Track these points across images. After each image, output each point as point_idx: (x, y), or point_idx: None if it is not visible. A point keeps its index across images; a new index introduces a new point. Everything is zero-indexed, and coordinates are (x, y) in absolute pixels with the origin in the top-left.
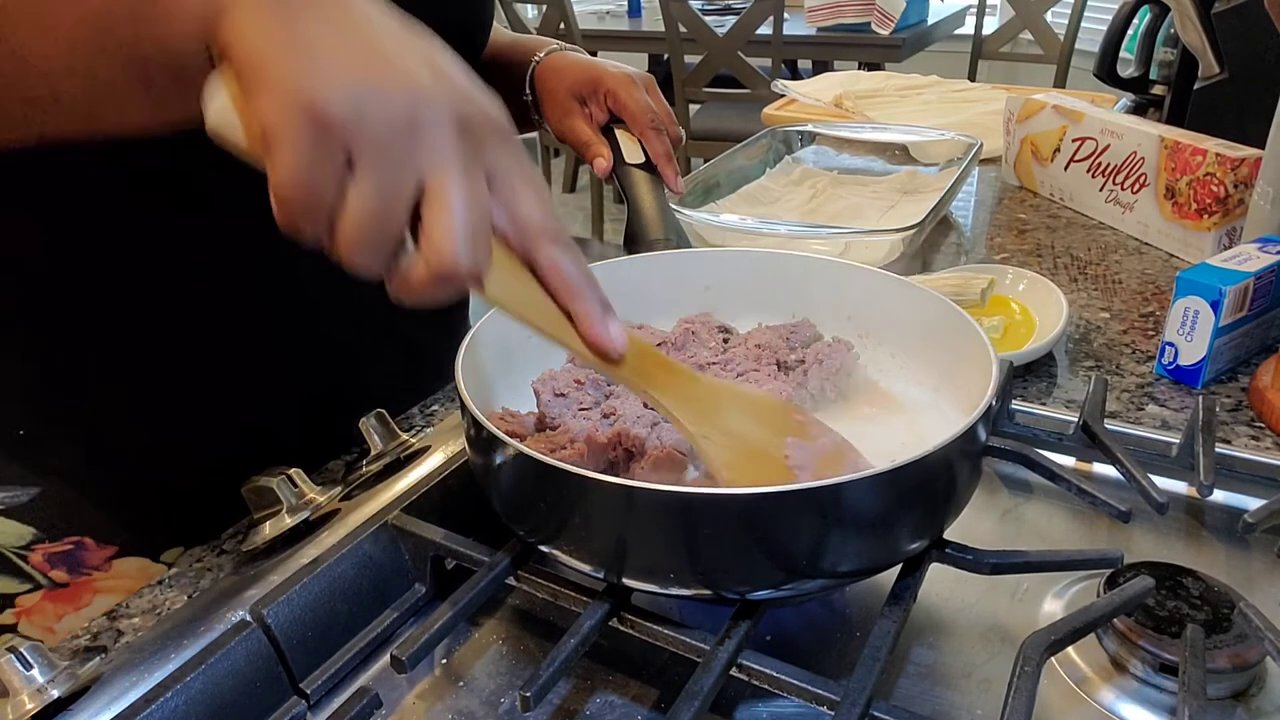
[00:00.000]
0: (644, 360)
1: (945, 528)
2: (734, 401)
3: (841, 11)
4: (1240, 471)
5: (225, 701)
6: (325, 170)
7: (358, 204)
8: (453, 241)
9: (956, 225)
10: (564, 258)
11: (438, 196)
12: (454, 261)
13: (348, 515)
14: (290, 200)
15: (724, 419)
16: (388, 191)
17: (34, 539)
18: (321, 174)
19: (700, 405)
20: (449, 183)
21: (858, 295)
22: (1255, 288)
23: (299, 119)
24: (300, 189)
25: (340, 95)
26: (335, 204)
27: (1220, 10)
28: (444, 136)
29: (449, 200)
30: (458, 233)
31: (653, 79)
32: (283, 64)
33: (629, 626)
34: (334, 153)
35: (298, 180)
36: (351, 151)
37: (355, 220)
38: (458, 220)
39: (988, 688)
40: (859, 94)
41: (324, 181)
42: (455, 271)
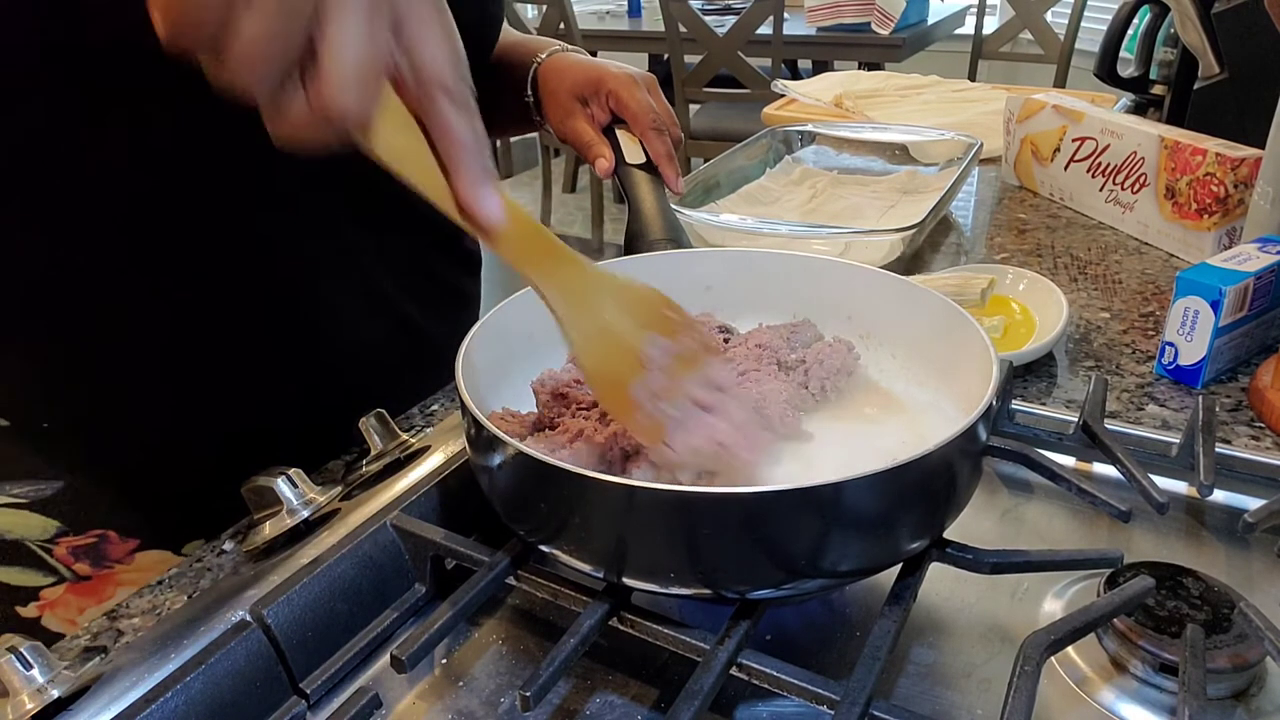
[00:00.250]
0: (532, 241)
1: (945, 527)
2: (614, 293)
3: (841, 11)
4: (1240, 471)
5: (225, 701)
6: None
7: (249, 24)
8: (340, 78)
9: (956, 225)
10: (455, 113)
11: (332, 27)
12: (339, 100)
13: (348, 515)
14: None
15: (600, 309)
16: (280, 17)
17: (58, 532)
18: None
19: (580, 295)
20: (345, 18)
21: (858, 295)
22: (1255, 288)
23: None
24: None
25: None
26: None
27: (1220, 10)
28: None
29: (343, 33)
30: (347, 69)
31: (654, 79)
32: None
33: (629, 626)
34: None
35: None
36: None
37: (245, 40)
38: (349, 55)
39: (988, 688)
40: (859, 94)
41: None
42: (339, 111)
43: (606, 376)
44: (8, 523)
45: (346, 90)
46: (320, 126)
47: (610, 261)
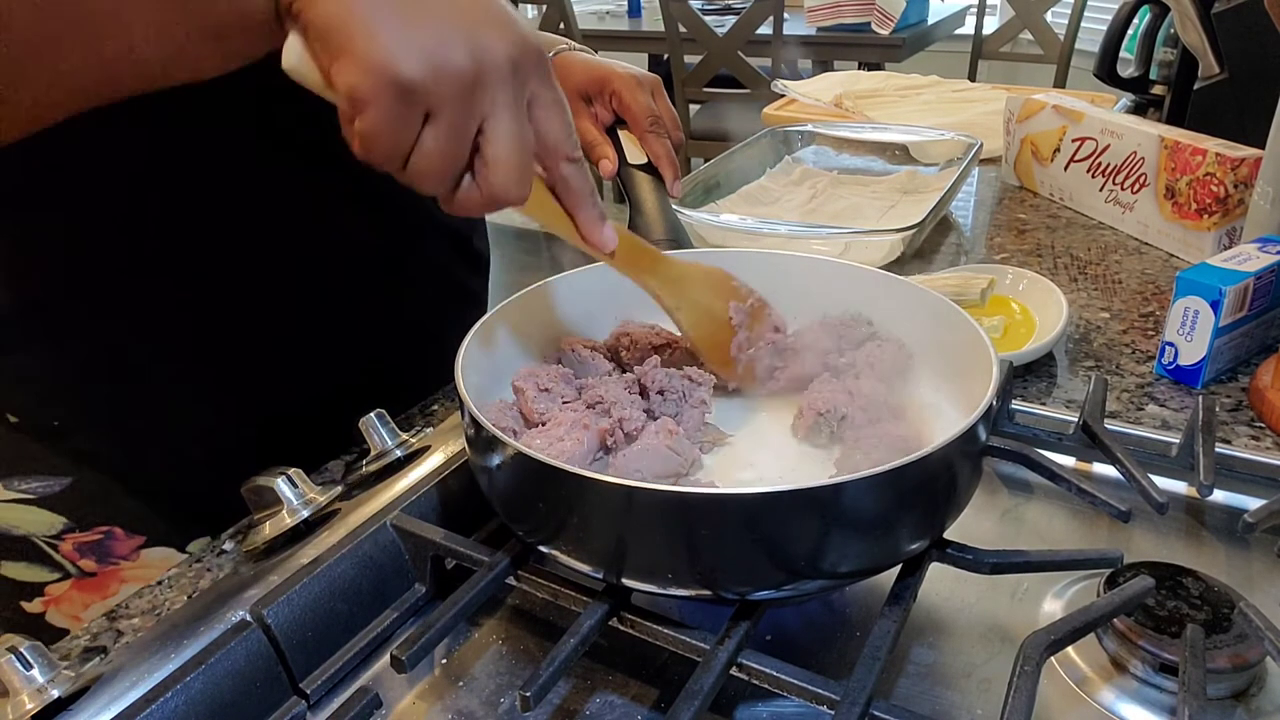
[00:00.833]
0: (636, 254)
1: (945, 528)
2: (696, 277)
3: (841, 11)
4: (1240, 471)
5: (225, 701)
6: (408, 125)
7: (433, 146)
8: (507, 177)
9: (956, 225)
10: (575, 175)
11: (495, 138)
12: (506, 193)
13: (348, 515)
14: (377, 150)
15: (691, 291)
16: (457, 136)
17: (65, 528)
18: (404, 128)
19: (674, 283)
20: (504, 124)
21: (858, 295)
22: (1255, 288)
23: (385, 85)
24: (386, 141)
25: (417, 60)
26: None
27: (1220, 10)
28: (502, 80)
29: (505, 141)
30: (510, 169)
31: (659, 81)
32: (359, 32)
33: (629, 626)
34: (415, 111)
35: (384, 134)
36: (429, 108)
37: (429, 160)
38: (512, 160)
39: (988, 688)
40: (859, 94)
41: (406, 134)
42: (505, 199)
43: (711, 342)
44: (15, 518)
45: (511, 180)
46: (489, 206)
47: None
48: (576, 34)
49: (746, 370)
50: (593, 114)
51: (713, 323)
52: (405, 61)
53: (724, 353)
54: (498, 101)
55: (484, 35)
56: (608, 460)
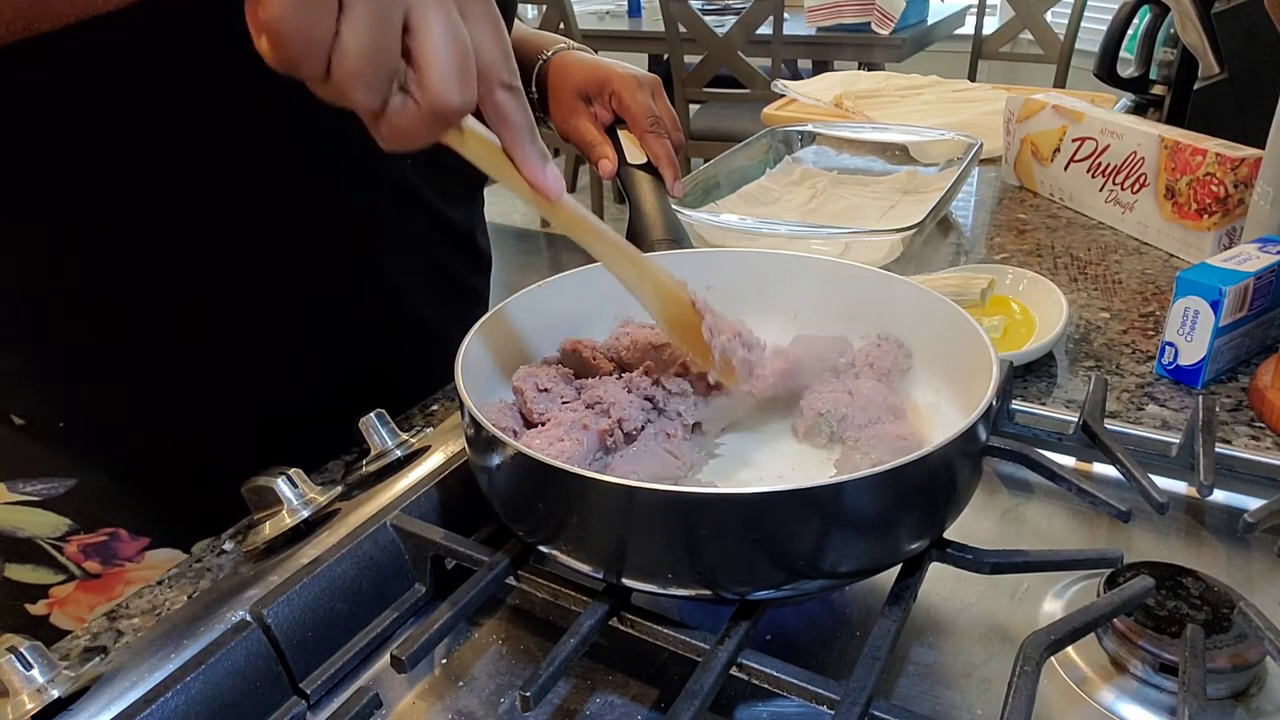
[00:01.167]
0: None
1: (945, 528)
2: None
3: (841, 11)
4: (1240, 471)
5: (225, 701)
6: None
7: (352, 38)
8: (445, 78)
9: (956, 225)
10: (512, 104)
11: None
12: (448, 98)
13: (348, 515)
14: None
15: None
16: (379, 24)
17: (70, 530)
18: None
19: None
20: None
21: (858, 295)
22: (1255, 288)
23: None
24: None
25: None
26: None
27: (1220, 10)
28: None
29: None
30: (449, 69)
31: (659, 82)
32: None
33: (629, 626)
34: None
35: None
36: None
37: (351, 54)
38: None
39: (988, 688)
40: (859, 94)
41: (317, 21)
42: (449, 107)
43: (680, 323)
44: (20, 520)
45: (451, 85)
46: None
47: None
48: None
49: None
50: (592, 114)
51: (677, 304)
52: None
53: (695, 335)
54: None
55: None
56: (607, 461)
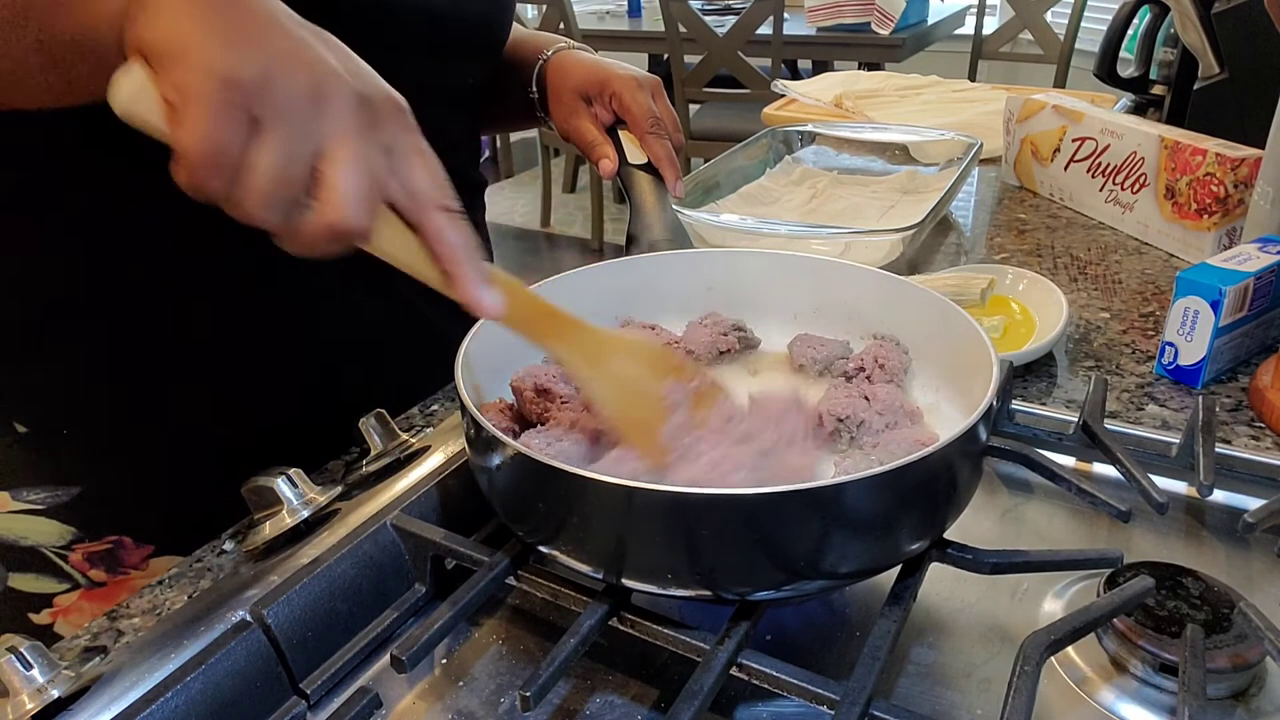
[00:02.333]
0: (537, 317)
1: (946, 528)
2: (619, 348)
3: (841, 11)
4: (1240, 471)
5: (225, 701)
6: (232, 129)
7: (261, 162)
8: (344, 201)
9: (956, 225)
10: (447, 226)
11: (334, 160)
12: (344, 219)
13: (348, 515)
14: (197, 157)
15: (611, 364)
16: (290, 152)
17: (74, 538)
18: (228, 132)
19: (593, 355)
20: (345, 148)
21: (858, 295)
22: (1255, 288)
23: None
24: (207, 145)
25: (250, 64)
26: (239, 163)
27: (1220, 10)
28: (344, 108)
29: (344, 164)
30: (350, 193)
31: (660, 83)
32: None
33: (629, 626)
34: (241, 113)
35: (205, 137)
36: (257, 114)
37: (259, 178)
38: (351, 182)
39: (988, 688)
40: (859, 94)
41: (230, 140)
42: (345, 228)
43: (634, 422)
44: (24, 529)
45: (348, 210)
46: (330, 241)
47: (612, 262)
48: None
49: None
50: (593, 114)
51: (637, 401)
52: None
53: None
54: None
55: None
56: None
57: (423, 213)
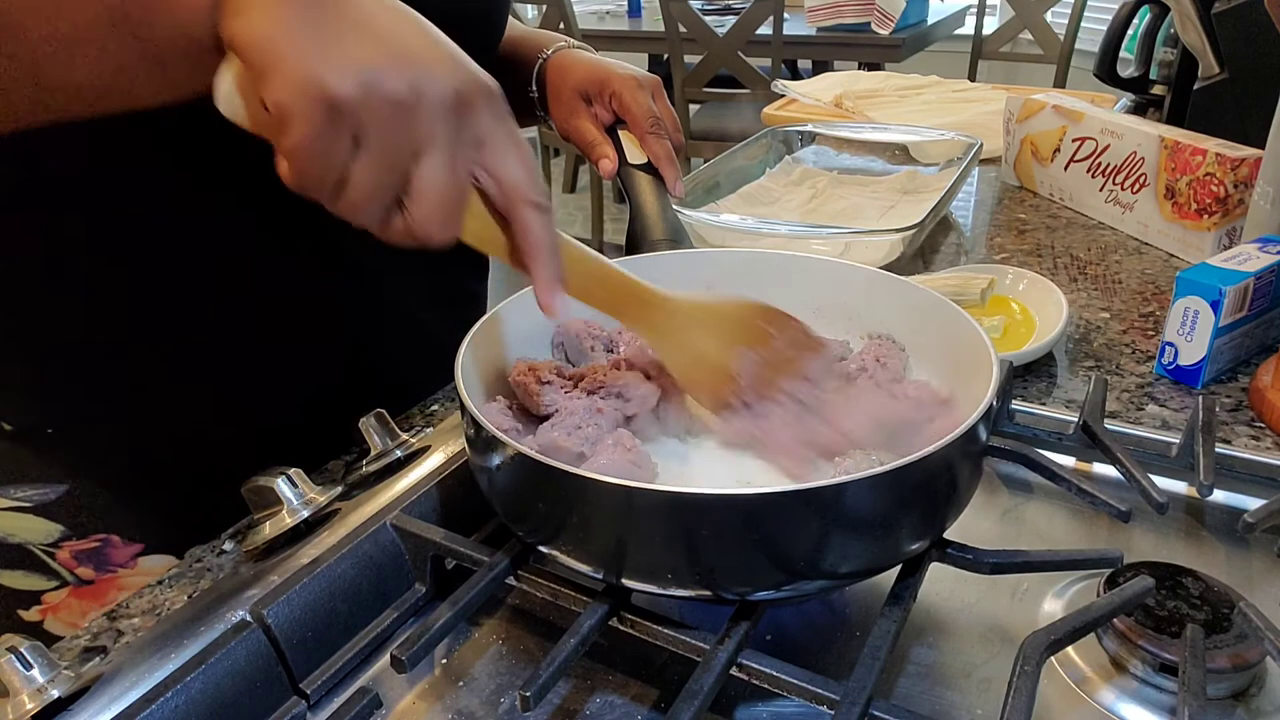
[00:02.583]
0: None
1: (946, 528)
2: (702, 318)
3: (841, 11)
4: (1240, 471)
5: (225, 701)
6: (336, 145)
7: (361, 176)
8: (430, 213)
9: (956, 225)
10: (536, 223)
11: (425, 171)
12: (428, 230)
13: (348, 515)
14: (304, 170)
15: (689, 337)
16: (388, 165)
17: (62, 536)
18: (332, 148)
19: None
20: (438, 154)
21: (858, 295)
22: (1255, 288)
23: (312, 100)
24: (313, 160)
25: (348, 78)
26: (342, 173)
27: (1220, 10)
28: (439, 110)
29: (436, 173)
30: (435, 206)
31: (660, 82)
32: (292, 49)
33: (629, 626)
34: (344, 130)
35: (311, 152)
36: (358, 129)
37: (358, 189)
38: (437, 196)
39: (988, 688)
40: (859, 94)
41: (334, 154)
42: (432, 237)
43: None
44: (11, 526)
45: (435, 219)
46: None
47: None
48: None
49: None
50: (593, 114)
51: (709, 372)
52: (335, 78)
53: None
54: (435, 134)
55: (426, 64)
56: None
57: (513, 208)
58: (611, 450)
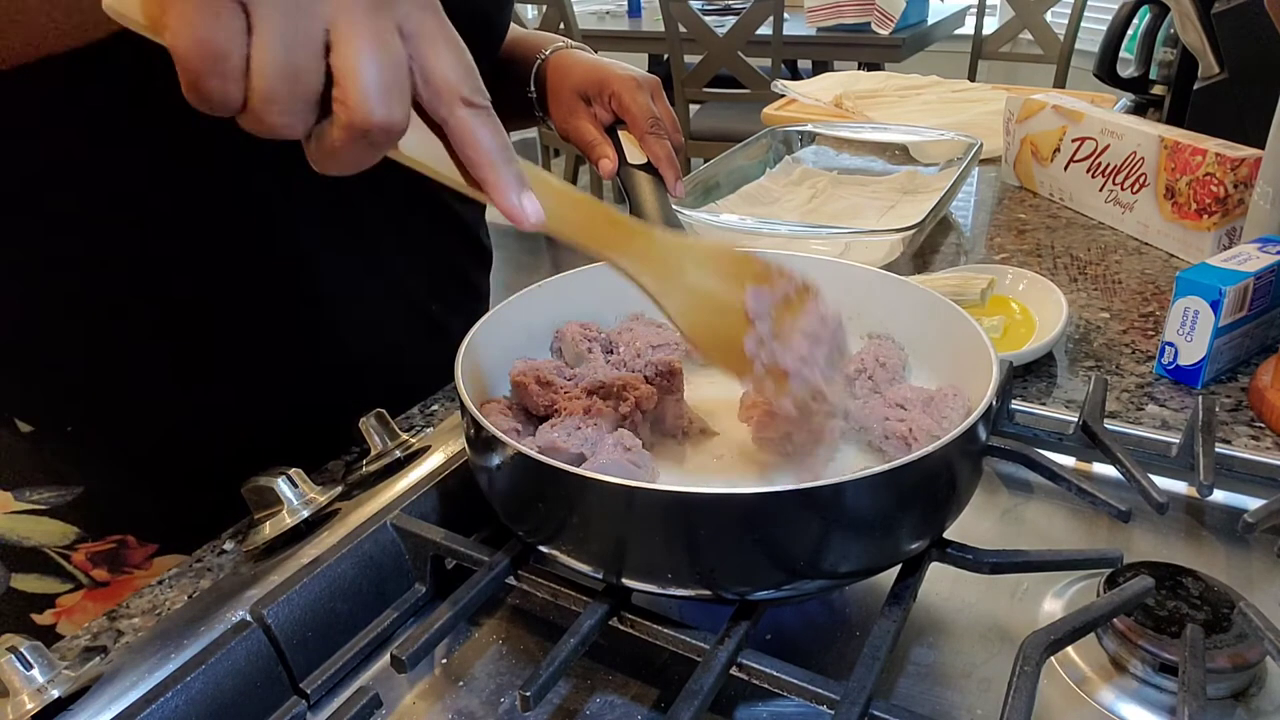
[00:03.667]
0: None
1: (946, 527)
2: (692, 255)
3: (841, 11)
4: (1240, 471)
5: (225, 701)
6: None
7: (262, 55)
8: (364, 91)
9: (956, 225)
10: (476, 122)
11: (346, 43)
12: (368, 113)
13: (348, 515)
14: (192, 61)
15: (683, 274)
16: (292, 39)
17: (77, 538)
18: (217, 26)
19: (660, 263)
20: (354, 29)
21: (858, 295)
22: (1255, 288)
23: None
24: (200, 45)
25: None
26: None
27: (1220, 10)
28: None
29: (357, 50)
30: (369, 81)
31: (659, 83)
32: None
33: (629, 626)
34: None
35: (196, 37)
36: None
37: (263, 73)
38: (368, 68)
39: (988, 688)
40: (859, 94)
41: (223, 35)
42: (370, 124)
43: (714, 338)
44: (26, 529)
45: (375, 102)
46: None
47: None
48: (576, 34)
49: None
50: (592, 114)
51: (715, 312)
52: None
53: (733, 350)
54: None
55: None
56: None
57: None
58: (611, 450)
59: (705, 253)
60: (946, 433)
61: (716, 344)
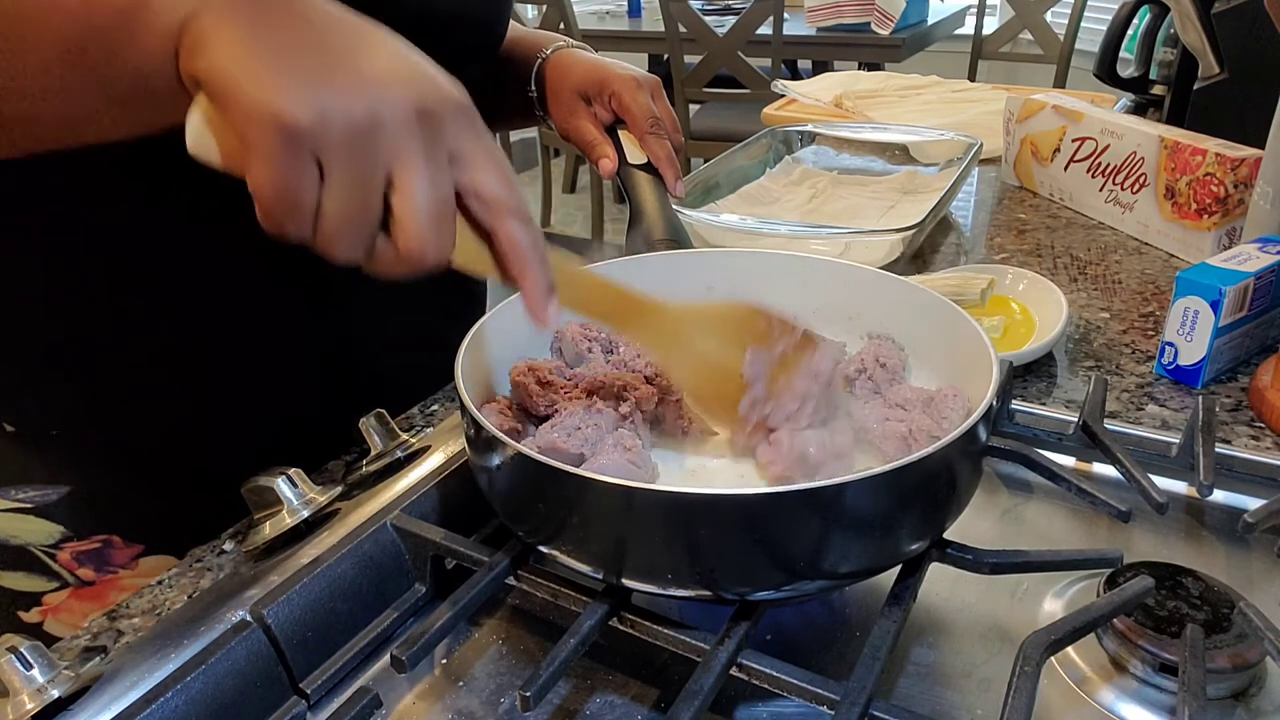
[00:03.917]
0: (608, 303)
1: (946, 528)
2: (699, 322)
3: (841, 11)
4: (1240, 471)
5: (225, 701)
6: (299, 175)
7: (332, 204)
8: (419, 231)
9: (956, 225)
10: (520, 233)
11: (403, 189)
12: (421, 249)
13: (348, 515)
14: (271, 206)
15: (690, 343)
16: (358, 189)
17: (63, 537)
18: (296, 179)
19: (668, 335)
20: (412, 175)
21: (858, 295)
22: (1255, 288)
23: (269, 131)
24: (279, 195)
25: (304, 104)
26: (313, 205)
27: (1220, 10)
28: (405, 128)
29: (413, 193)
30: (423, 223)
31: (659, 83)
32: (248, 80)
33: (629, 626)
34: (305, 158)
35: (275, 187)
36: (321, 156)
37: (332, 219)
38: (422, 212)
39: (988, 688)
40: (859, 94)
41: (299, 186)
42: (423, 254)
43: (716, 400)
44: (12, 528)
45: (426, 236)
46: (410, 268)
47: (613, 262)
48: (576, 34)
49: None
50: (592, 114)
51: (717, 378)
52: (289, 104)
53: (732, 410)
54: (402, 150)
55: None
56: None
57: (496, 221)
58: (611, 450)
59: (711, 316)
60: (947, 433)
61: (720, 405)
